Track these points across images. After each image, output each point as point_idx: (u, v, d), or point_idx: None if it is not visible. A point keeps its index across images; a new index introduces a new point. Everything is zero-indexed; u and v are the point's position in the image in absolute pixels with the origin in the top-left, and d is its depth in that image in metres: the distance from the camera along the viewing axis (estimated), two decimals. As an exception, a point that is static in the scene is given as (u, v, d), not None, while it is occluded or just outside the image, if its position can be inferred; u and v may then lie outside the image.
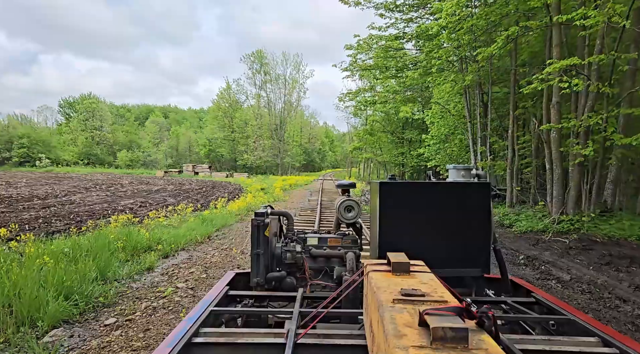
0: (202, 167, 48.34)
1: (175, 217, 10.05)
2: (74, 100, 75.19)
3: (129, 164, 58.74)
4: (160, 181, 32.35)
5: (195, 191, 22.08)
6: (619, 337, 1.50)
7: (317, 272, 2.43)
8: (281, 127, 53.40)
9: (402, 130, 43.36)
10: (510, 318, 1.88)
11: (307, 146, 75.37)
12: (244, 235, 9.01)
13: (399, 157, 42.34)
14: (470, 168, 2.44)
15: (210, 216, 10.53)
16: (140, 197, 17.89)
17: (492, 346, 0.85)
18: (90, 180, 31.48)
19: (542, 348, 1.43)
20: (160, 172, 47.49)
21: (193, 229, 8.79)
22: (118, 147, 63.85)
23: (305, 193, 21.22)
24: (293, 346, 1.37)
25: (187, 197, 18.46)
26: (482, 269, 2.12)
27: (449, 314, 0.93)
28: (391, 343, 0.86)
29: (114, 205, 14.95)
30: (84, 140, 62.13)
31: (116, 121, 76.16)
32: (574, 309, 1.86)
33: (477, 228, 2.10)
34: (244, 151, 51.25)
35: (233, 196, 19.11)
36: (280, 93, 54.68)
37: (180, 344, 1.41)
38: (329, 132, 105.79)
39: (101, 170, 54.60)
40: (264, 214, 2.28)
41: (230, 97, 53.59)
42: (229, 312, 1.99)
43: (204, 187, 25.87)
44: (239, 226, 10.50)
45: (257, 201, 14.88)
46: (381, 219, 2.06)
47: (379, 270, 1.42)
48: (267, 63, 52.59)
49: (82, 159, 60.42)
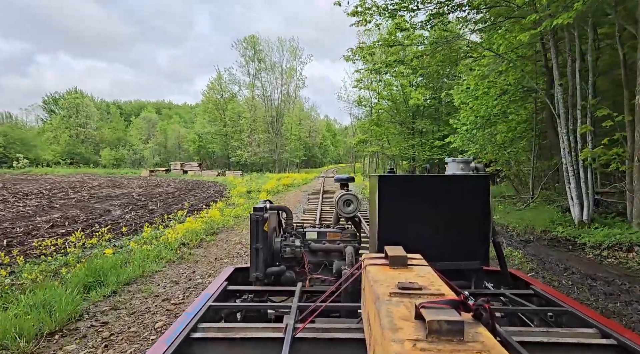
0: (191, 165, 43.89)
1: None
2: (60, 96, 70.84)
3: (114, 163, 54.29)
4: (136, 183, 27.91)
5: (164, 197, 17.60)
6: (617, 328, 1.49)
7: (316, 266, 2.44)
8: (278, 120, 48.53)
9: (413, 119, 38.62)
10: (508, 310, 1.89)
11: (308, 140, 70.61)
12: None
13: (409, 150, 37.67)
14: (469, 161, 2.44)
15: (109, 262, 5.63)
16: (77, 209, 13.41)
17: (488, 339, 0.84)
18: (58, 182, 27.11)
19: (540, 340, 1.42)
20: (145, 171, 43.16)
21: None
22: (105, 145, 59.50)
23: (301, 198, 16.51)
24: (291, 341, 1.36)
25: (143, 207, 13.96)
26: (481, 262, 2.08)
27: (445, 308, 0.92)
28: (387, 336, 0.85)
29: (27, 222, 10.54)
30: (67, 139, 57.80)
31: (104, 118, 71.84)
32: (572, 300, 1.85)
33: (476, 221, 2.07)
34: (237, 147, 46.50)
35: (207, 204, 14.62)
36: (277, 83, 49.89)
37: (179, 339, 1.40)
38: (331, 126, 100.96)
39: (85, 170, 50.37)
40: (262, 209, 2.25)
41: (221, 88, 48.76)
42: (227, 307, 1.92)
43: (180, 190, 21.40)
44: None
45: (222, 219, 10.32)
46: (380, 212, 2.02)
47: (377, 264, 1.40)
48: (261, 50, 47.73)
49: (65, 159, 56.08)
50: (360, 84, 40.34)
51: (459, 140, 15.87)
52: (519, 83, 11.18)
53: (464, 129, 15.26)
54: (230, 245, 7.55)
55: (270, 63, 48.51)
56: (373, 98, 41.87)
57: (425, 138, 37.28)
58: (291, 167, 52.25)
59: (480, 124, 14.50)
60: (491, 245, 2.18)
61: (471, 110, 14.38)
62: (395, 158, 40.91)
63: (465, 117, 15.27)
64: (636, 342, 1.37)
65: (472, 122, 14.64)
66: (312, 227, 2.62)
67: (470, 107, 14.27)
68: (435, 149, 36.90)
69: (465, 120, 15.07)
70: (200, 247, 7.55)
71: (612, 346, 1.41)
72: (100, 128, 63.29)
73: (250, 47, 47.19)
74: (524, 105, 11.69)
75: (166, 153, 55.03)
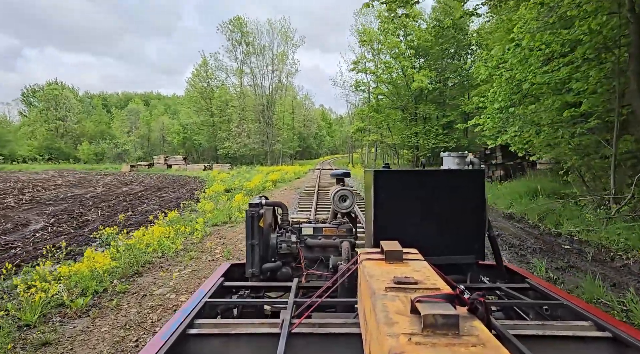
0: (175, 159, 40.44)
1: None
2: (39, 88, 66.79)
3: (94, 158, 50.65)
4: (106, 180, 24.58)
5: (122, 199, 14.34)
6: (611, 321, 1.49)
7: (312, 262, 2.41)
8: (269, 108, 44.88)
9: (415, 105, 35.27)
10: (503, 303, 1.89)
11: (302, 130, 67.07)
12: None
13: (412, 138, 34.39)
14: (464, 156, 2.40)
15: None
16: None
17: (483, 332, 0.84)
18: (21, 181, 23.69)
19: (536, 333, 1.42)
20: (126, 166, 39.71)
21: None
22: (86, 139, 55.81)
23: (291, 200, 13.12)
24: (287, 336, 1.36)
25: (79, 217, 10.70)
26: (476, 256, 2.07)
27: (441, 302, 0.92)
28: (382, 331, 0.85)
29: None
30: (45, 133, 54.09)
31: (88, 111, 67.99)
32: (567, 294, 1.84)
33: (472, 215, 2.06)
34: (225, 138, 42.90)
35: (169, 208, 11.40)
36: (267, 69, 46.14)
37: (175, 335, 1.38)
38: (326, 115, 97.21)
39: (63, 166, 46.89)
40: (258, 205, 2.24)
41: (207, 75, 44.91)
42: (223, 303, 1.91)
43: (149, 189, 18.12)
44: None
45: (165, 242, 6.93)
46: (376, 207, 2.01)
47: (373, 259, 1.39)
48: (249, 33, 43.87)
49: (42, 154, 52.44)
50: (357, 67, 36.92)
51: (490, 121, 12.63)
52: (588, 37, 7.80)
53: (495, 107, 11.99)
54: (145, 312, 4.15)
55: (260, 47, 44.74)
56: (372, 83, 38.36)
57: (429, 125, 33.98)
58: (285, 158, 48.80)
59: (518, 100, 11.25)
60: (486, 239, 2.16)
61: (507, 81, 11.12)
62: (397, 147, 37.61)
63: (494, 93, 12.02)
64: (631, 334, 1.37)
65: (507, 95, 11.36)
66: (307, 223, 2.60)
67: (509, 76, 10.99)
68: (441, 136, 33.74)
69: (496, 96, 11.80)
70: (83, 316, 4.09)
71: (607, 339, 1.40)
72: (81, 121, 59.50)
73: (237, 29, 43.38)
74: (593, 69, 8.42)
75: (150, 146, 51.22)
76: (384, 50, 35.78)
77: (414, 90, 33.31)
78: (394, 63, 35.32)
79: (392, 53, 34.95)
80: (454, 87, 35.38)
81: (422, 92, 34.05)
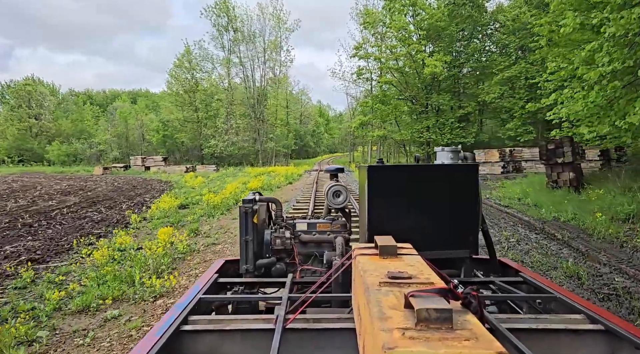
0: (154, 160, 35.79)
1: None
2: (16, 84, 61.91)
3: (65, 160, 45.85)
4: (54, 187, 19.96)
5: (22, 219, 9.71)
6: (604, 314, 1.49)
7: (306, 257, 2.41)
8: (260, 102, 40.12)
9: (427, 94, 30.56)
10: (497, 297, 1.89)
11: (299, 128, 62.35)
12: None
13: (423, 133, 29.63)
14: (458, 150, 2.41)
15: None
16: None
17: (476, 326, 0.84)
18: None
19: (529, 326, 1.42)
20: (98, 168, 35.05)
21: None
22: (62, 139, 51.02)
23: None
24: (282, 331, 1.35)
25: None
26: (470, 250, 2.06)
27: (434, 296, 0.92)
28: (376, 325, 0.85)
29: None
30: (16, 132, 49.27)
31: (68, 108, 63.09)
32: (559, 287, 1.82)
33: (465, 210, 2.03)
34: (211, 135, 38.16)
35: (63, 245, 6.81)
36: (259, 60, 41.42)
37: (169, 332, 1.37)
38: (324, 111, 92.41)
39: (35, 169, 42.18)
40: (252, 201, 2.22)
41: (191, 65, 40.13)
42: (218, 299, 1.91)
43: (86, 201, 13.48)
44: None
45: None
46: (370, 203, 1.99)
47: (367, 254, 1.39)
48: (237, 17, 39.12)
49: (12, 156, 47.66)
50: (359, 52, 32.28)
51: (579, 104, 8.16)
52: None
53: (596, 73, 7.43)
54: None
55: (250, 34, 40.02)
56: (376, 71, 33.64)
57: (444, 118, 29.34)
58: (279, 158, 44.08)
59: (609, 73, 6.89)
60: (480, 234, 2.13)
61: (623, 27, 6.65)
62: (406, 143, 33.02)
63: (590, 52, 7.54)
64: (623, 327, 1.37)
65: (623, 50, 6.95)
66: (302, 218, 2.59)
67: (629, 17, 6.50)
68: (457, 130, 29.11)
69: (601, 55, 7.27)
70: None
71: (599, 332, 1.41)
72: (57, 119, 54.66)
73: (223, 13, 38.65)
74: None
75: (128, 146, 46.33)
76: (390, 33, 31.24)
77: (426, 77, 28.73)
78: (401, 47, 30.60)
79: (400, 35, 30.18)
80: (471, 73, 30.84)
81: (435, 79, 29.52)
